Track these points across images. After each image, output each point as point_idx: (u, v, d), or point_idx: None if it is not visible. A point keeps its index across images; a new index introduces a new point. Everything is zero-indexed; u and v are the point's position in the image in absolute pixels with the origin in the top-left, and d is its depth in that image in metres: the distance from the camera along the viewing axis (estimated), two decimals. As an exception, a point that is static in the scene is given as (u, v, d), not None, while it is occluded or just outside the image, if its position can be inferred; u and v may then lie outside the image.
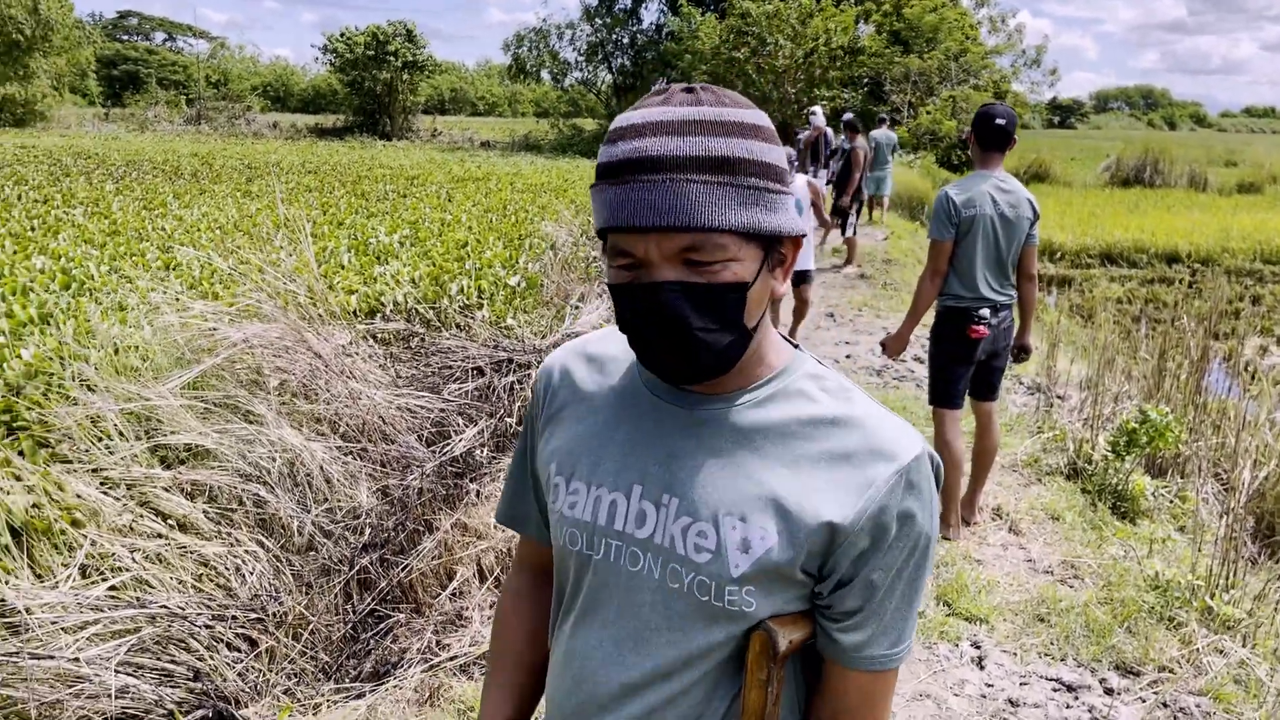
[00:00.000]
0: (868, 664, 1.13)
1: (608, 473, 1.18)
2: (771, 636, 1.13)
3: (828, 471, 1.09)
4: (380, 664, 3.50)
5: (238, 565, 3.80)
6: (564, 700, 1.23)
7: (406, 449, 5.00)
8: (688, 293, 1.04)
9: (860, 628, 1.12)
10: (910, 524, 1.08)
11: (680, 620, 1.13)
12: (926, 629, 3.67)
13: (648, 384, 1.21)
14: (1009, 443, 5.82)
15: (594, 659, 1.19)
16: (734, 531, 1.09)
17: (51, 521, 3.44)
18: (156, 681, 3.16)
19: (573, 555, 1.22)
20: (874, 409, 1.14)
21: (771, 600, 1.11)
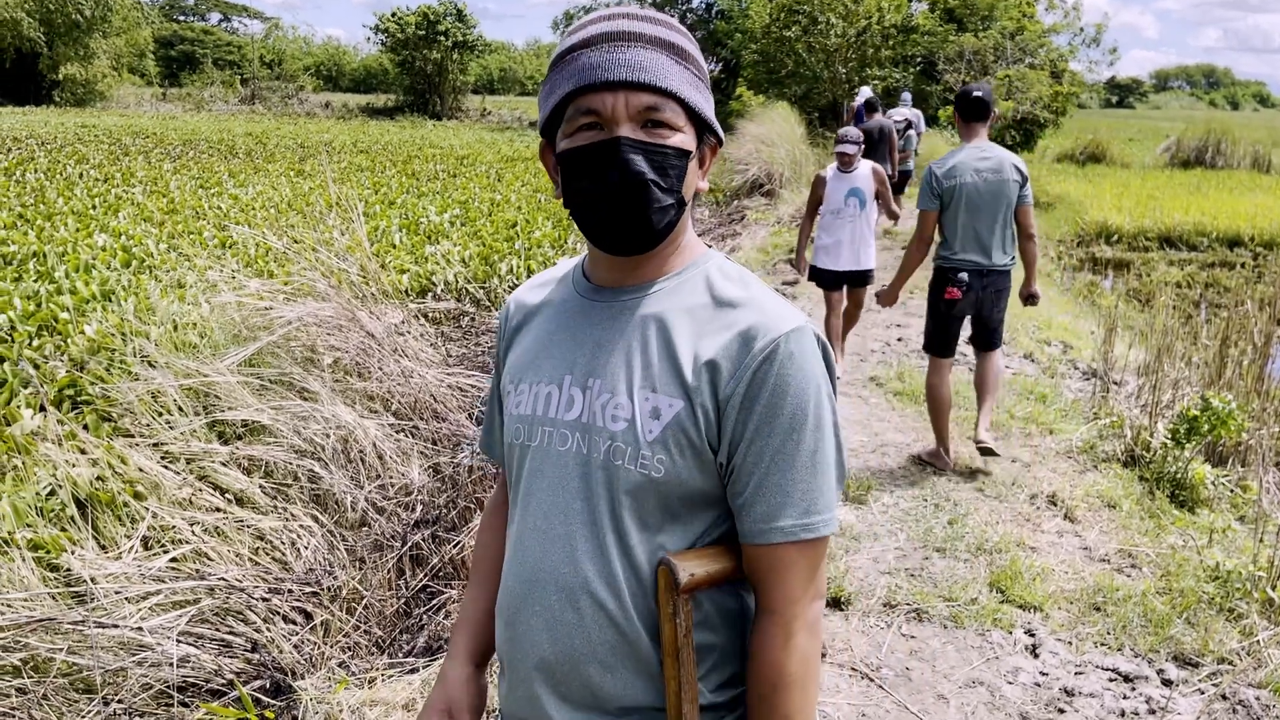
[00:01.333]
0: (776, 535, 1.19)
1: (544, 370, 1.31)
2: (672, 570, 1.19)
3: (720, 339, 1.21)
4: (433, 639, 3.54)
5: (293, 540, 3.86)
6: (513, 585, 1.30)
7: (457, 427, 5.05)
8: (644, 149, 1.19)
9: (760, 496, 1.20)
10: (788, 391, 1.19)
11: (600, 491, 1.23)
12: (980, 615, 3.63)
13: (578, 289, 1.35)
14: (1063, 428, 5.73)
15: (532, 540, 1.27)
16: (645, 402, 1.21)
17: (115, 494, 3.52)
18: (216, 652, 3.23)
19: (516, 449, 1.32)
20: (768, 295, 1.27)
21: (676, 468, 1.20)
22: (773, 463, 1.19)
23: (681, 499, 1.22)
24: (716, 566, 1.23)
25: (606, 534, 1.22)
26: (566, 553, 1.24)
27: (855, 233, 6.44)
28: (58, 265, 5.82)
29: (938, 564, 4.05)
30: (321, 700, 2.97)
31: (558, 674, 1.26)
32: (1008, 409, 6.07)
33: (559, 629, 1.25)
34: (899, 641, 3.51)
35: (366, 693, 2.97)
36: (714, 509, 1.25)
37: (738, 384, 1.19)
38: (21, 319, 4.72)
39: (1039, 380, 6.88)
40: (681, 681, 1.22)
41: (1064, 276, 14.03)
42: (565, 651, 1.25)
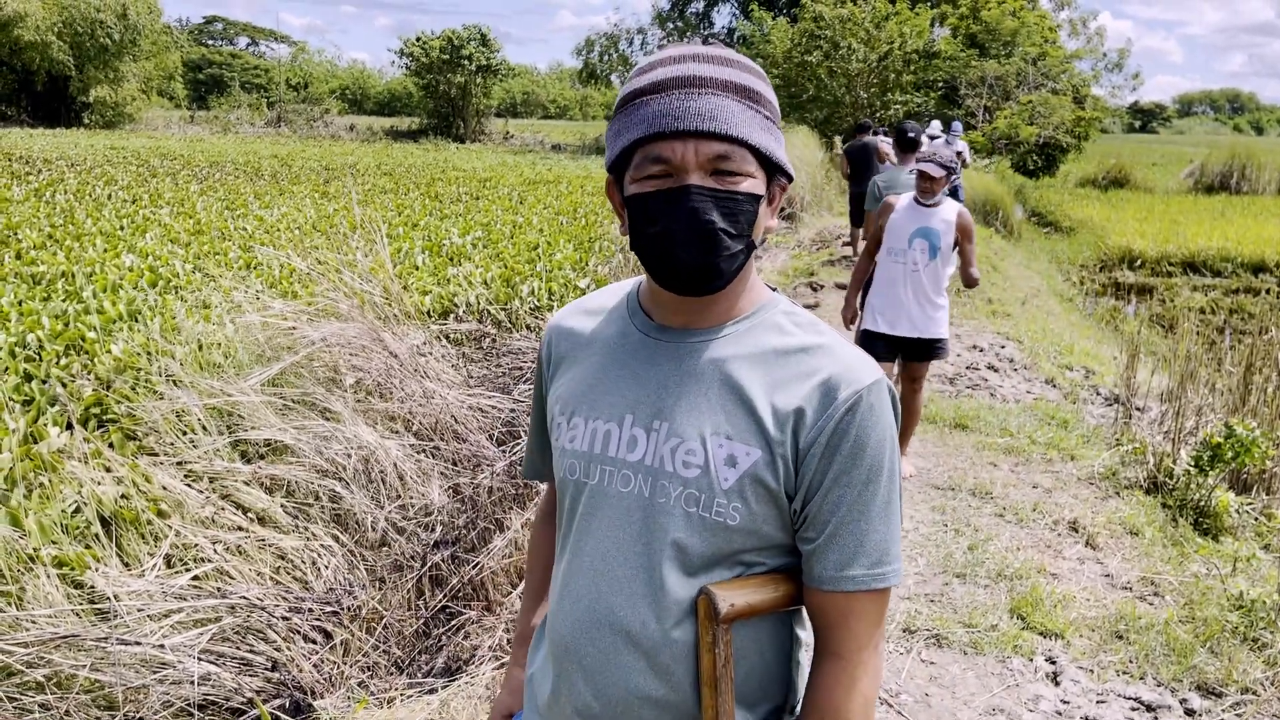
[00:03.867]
0: (848, 584, 1.20)
1: (602, 406, 1.30)
2: (712, 600, 1.20)
3: (798, 389, 1.21)
4: (452, 660, 3.55)
5: (314, 559, 3.89)
6: (563, 629, 1.30)
7: (478, 448, 5.06)
8: (714, 196, 1.18)
9: (834, 545, 1.20)
10: (868, 443, 1.19)
11: (670, 539, 1.22)
12: (1000, 642, 3.60)
13: (638, 325, 1.33)
14: (1085, 454, 5.69)
15: (586, 581, 1.28)
16: (720, 449, 1.21)
17: (139, 512, 3.56)
18: (236, 670, 3.25)
19: (570, 484, 1.32)
20: (840, 341, 1.27)
21: (752, 516, 1.20)
22: (849, 512, 1.20)
23: (749, 544, 1.23)
24: (758, 598, 1.23)
25: (665, 577, 1.22)
26: (624, 596, 1.24)
27: (919, 287, 5.00)
28: (86, 285, 5.91)
29: (958, 590, 4.03)
30: (342, 718, 2.98)
31: (604, 715, 1.27)
32: (1028, 434, 6.04)
33: (610, 672, 1.25)
34: (918, 667, 3.48)
35: (385, 712, 2.98)
36: (777, 553, 1.26)
37: (819, 434, 1.19)
38: (50, 338, 4.79)
39: (1060, 405, 6.84)
40: (719, 712, 1.22)
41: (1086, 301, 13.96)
42: (615, 695, 1.25)
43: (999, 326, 9.11)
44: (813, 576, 1.22)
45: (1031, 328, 9.53)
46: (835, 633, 1.23)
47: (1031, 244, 19.48)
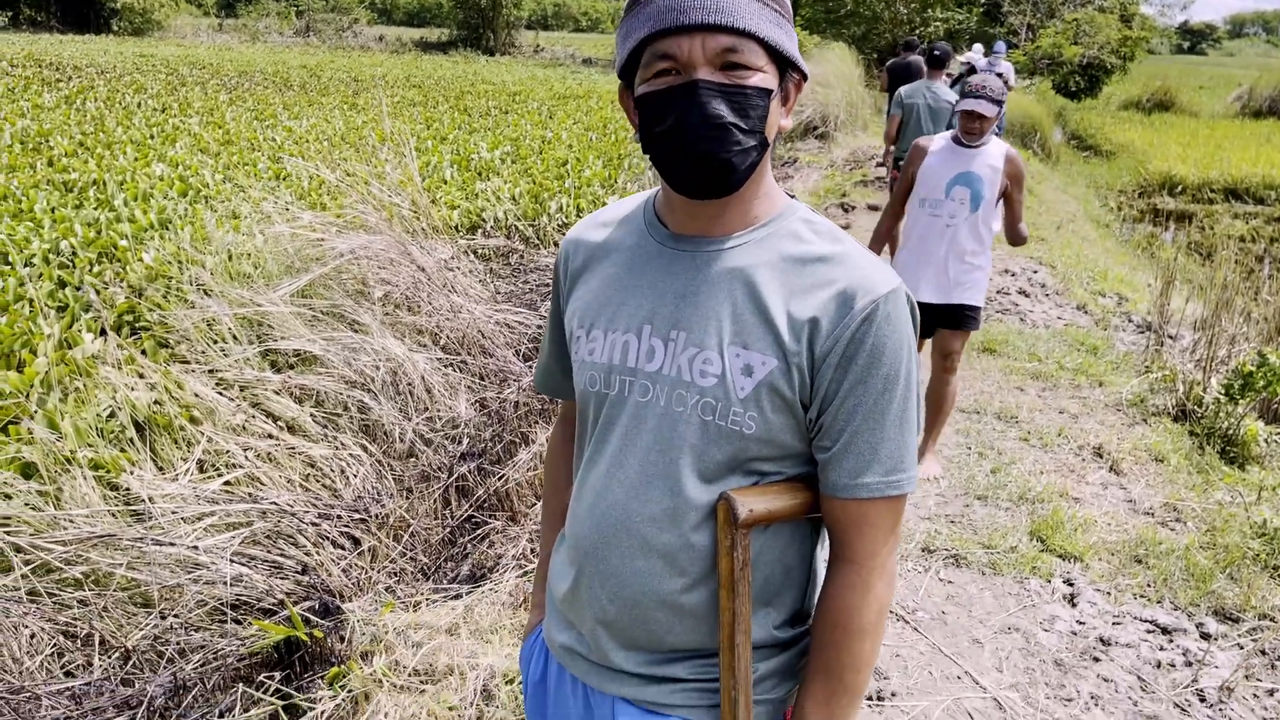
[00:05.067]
0: (863, 491, 1.21)
1: (621, 317, 1.30)
2: (731, 505, 1.21)
3: (815, 298, 1.20)
4: (477, 568, 3.62)
5: (342, 468, 3.95)
6: (581, 532, 1.32)
7: (504, 363, 5.10)
8: (723, 91, 1.16)
9: (849, 452, 1.21)
10: (884, 352, 1.19)
11: (685, 444, 1.23)
12: (1018, 563, 3.63)
13: (655, 235, 1.32)
14: (1113, 381, 5.64)
15: (606, 489, 1.29)
16: (737, 358, 1.21)
17: (172, 418, 3.62)
18: (267, 573, 3.33)
19: (591, 397, 1.33)
20: (859, 250, 1.25)
21: (768, 425, 1.21)
22: (864, 421, 1.20)
23: (766, 453, 1.24)
24: (777, 504, 1.25)
25: (684, 484, 1.24)
26: (642, 502, 1.26)
27: (956, 245, 4.19)
28: (117, 193, 5.93)
29: (978, 511, 4.05)
30: (369, 622, 3.06)
31: (622, 620, 1.30)
32: (1057, 359, 5.99)
33: (629, 577, 1.27)
34: (936, 586, 3.52)
35: (412, 616, 3.05)
36: (792, 460, 1.26)
37: (835, 343, 1.18)
38: (82, 245, 4.82)
39: (1091, 332, 6.77)
40: (736, 614, 1.24)
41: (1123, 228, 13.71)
42: (632, 599, 1.28)
43: (1032, 251, 8.97)
44: (828, 484, 1.23)
45: (1065, 253, 9.39)
46: (850, 539, 1.24)
47: (1070, 168, 19.06)
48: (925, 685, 3.00)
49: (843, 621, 1.24)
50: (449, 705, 2.56)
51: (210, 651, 3.03)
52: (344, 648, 3.07)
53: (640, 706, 1.32)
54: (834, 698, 1.26)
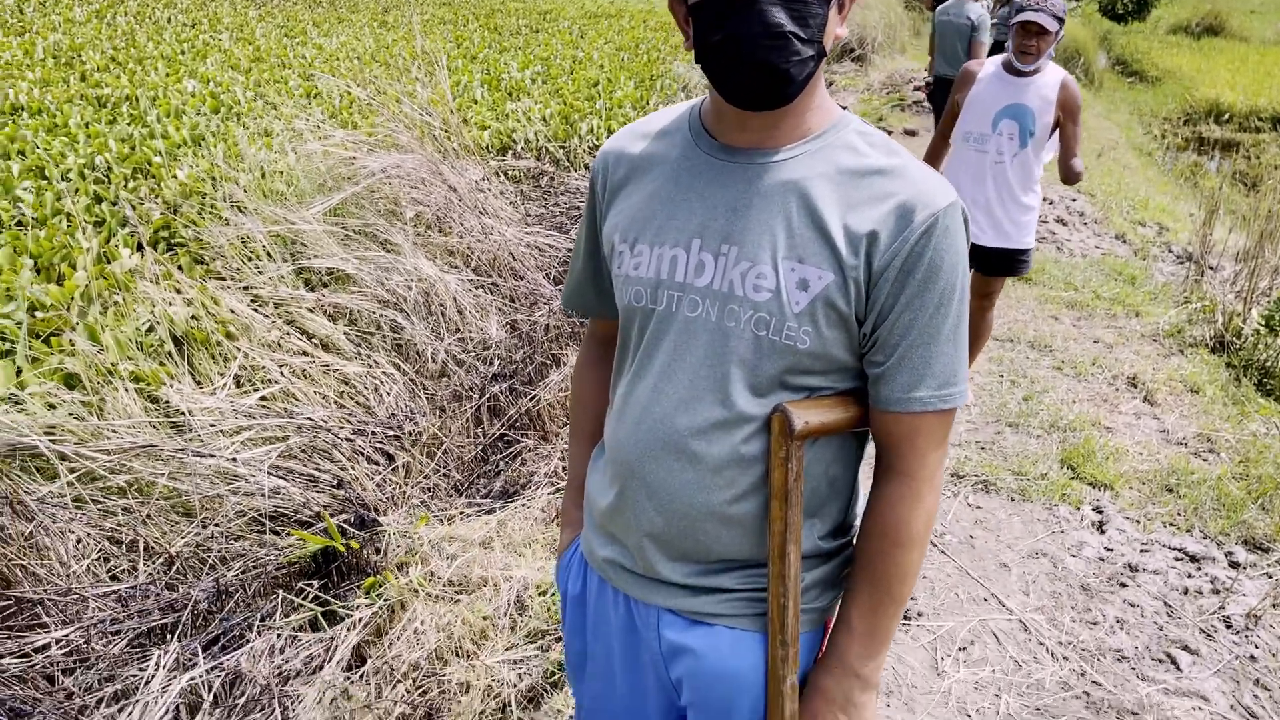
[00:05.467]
0: (915, 405, 1.21)
1: (668, 231, 1.27)
2: (787, 417, 1.22)
3: (873, 211, 1.18)
4: (509, 484, 3.67)
5: (376, 385, 3.99)
6: (625, 444, 1.33)
7: (535, 286, 5.09)
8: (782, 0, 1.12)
9: (903, 367, 1.20)
10: (941, 267, 1.17)
11: (736, 358, 1.22)
12: (1048, 490, 3.63)
13: (703, 146, 1.28)
14: (1151, 311, 5.57)
15: (652, 404, 1.29)
16: (792, 273, 1.19)
17: (209, 334, 3.66)
18: (304, 486, 3.39)
19: (636, 313, 1.31)
20: (915, 162, 1.23)
21: (822, 340, 1.20)
22: (919, 335, 1.19)
23: (818, 367, 1.23)
24: (830, 417, 1.25)
25: (735, 399, 1.23)
26: (691, 416, 1.25)
27: (1003, 184, 3.88)
28: (149, 109, 5.92)
29: (1009, 439, 4.04)
30: (404, 534, 3.12)
31: (670, 532, 1.30)
32: (1094, 288, 5.91)
33: (677, 490, 1.28)
34: (964, 511, 3.54)
35: (446, 529, 3.11)
36: (843, 375, 1.26)
37: (894, 257, 1.17)
38: (117, 160, 4.83)
39: (1129, 261, 6.66)
40: (787, 524, 1.26)
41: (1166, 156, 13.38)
42: (681, 511, 1.28)
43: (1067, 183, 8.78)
44: (880, 398, 1.23)
45: (1106, 181, 9.19)
46: (901, 452, 1.25)
47: (1113, 94, 18.56)
48: (952, 606, 3.03)
49: (891, 532, 1.25)
50: (483, 615, 2.62)
51: (250, 560, 3.10)
52: (379, 559, 3.14)
53: (686, 617, 1.34)
54: (879, 606, 1.28)
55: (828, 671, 1.32)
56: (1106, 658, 2.84)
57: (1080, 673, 2.78)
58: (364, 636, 2.63)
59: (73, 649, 2.56)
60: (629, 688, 1.44)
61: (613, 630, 1.43)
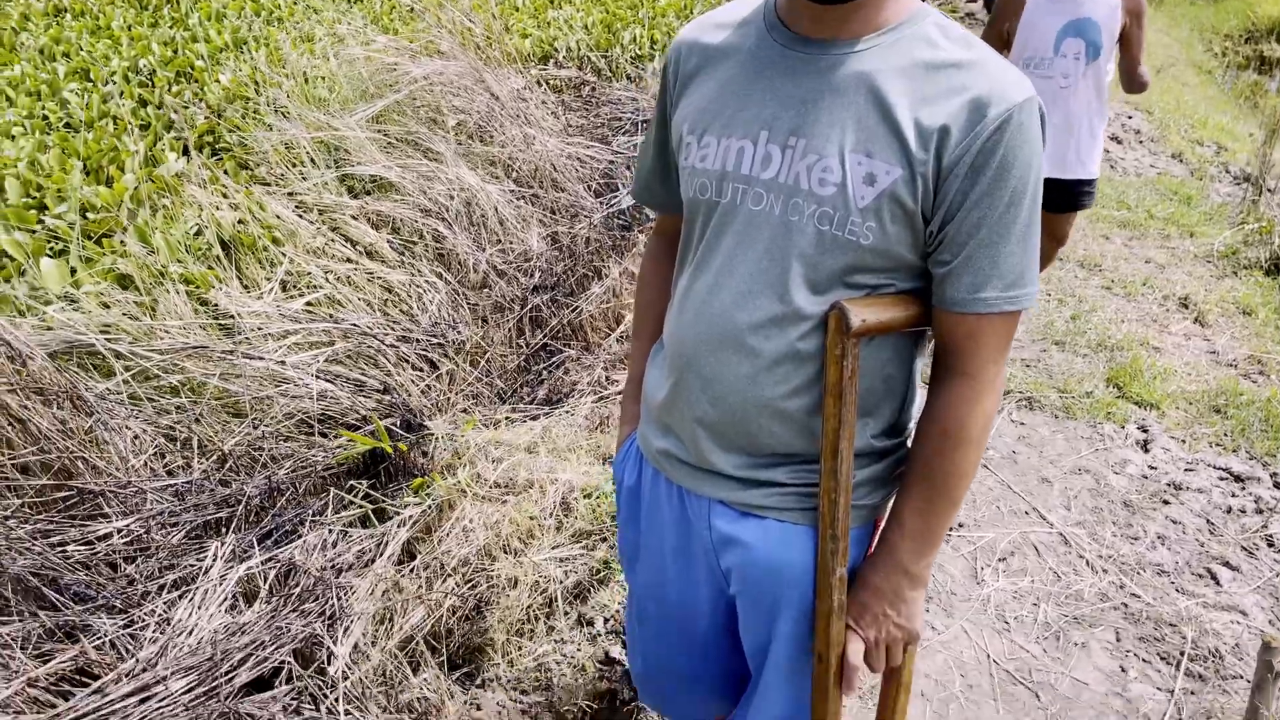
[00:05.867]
0: (980, 306, 1.19)
1: (737, 123, 1.25)
2: (844, 314, 1.21)
3: (946, 105, 1.15)
4: (553, 392, 3.70)
5: (419, 294, 4.01)
6: (683, 337, 1.32)
7: (576, 198, 5.06)
8: None
9: (969, 266, 1.18)
10: (1014, 164, 1.14)
11: (797, 253, 1.21)
12: (1093, 408, 3.61)
13: (777, 38, 1.26)
14: (1205, 232, 5.44)
15: (711, 296, 1.28)
16: (859, 166, 1.17)
17: (255, 238, 3.68)
18: (351, 390, 3.44)
19: (700, 205, 1.30)
20: (993, 56, 1.19)
21: (885, 237, 1.18)
22: (988, 234, 1.16)
23: (879, 265, 1.21)
24: (889, 315, 1.24)
25: (793, 293, 1.22)
26: (748, 310, 1.25)
27: (1071, 109, 3.50)
28: (191, 12, 5.88)
29: (1055, 357, 4.00)
30: (450, 437, 3.17)
31: (722, 423, 1.31)
32: (1147, 208, 5.78)
33: (731, 382, 1.28)
34: (1008, 426, 3.52)
35: (492, 433, 3.15)
36: (904, 273, 1.24)
37: (965, 152, 1.14)
38: (160, 64, 4.82)
39: (1185, 181, 6.49)
40: (841, 421, 1.26)
41: (1226, 75, 12.93)
42: (734, 404, 1.28)
43: (1127, 96, 8.53)
44: (944, 298, 1.21)
45: (1164, 99, 8.91)
46: (963, 353, 1.23)
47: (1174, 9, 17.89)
48: (993, 519, 3.04)
49: (951, 432, 1.25)
50: (530, 515, 2.67)
51: (299, 460, 3.17)
52: (426, 462, 3.19)
53: (737, 509, 1.36)
54: (932, 505, 1.28)
55: (878, 567, 1.33)
56: (1146, 571, 2.85)
57: (1119, 585, 2.79)
58: (413, 533, 2.69)
59: (133, 539, 2.64)
60: (680, 576, 1.47)
61: (666, 521, 1.45)
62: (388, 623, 2.37)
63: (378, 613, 2.40)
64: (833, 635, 1.35)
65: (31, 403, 2.65)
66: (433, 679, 2.21)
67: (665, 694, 1.63)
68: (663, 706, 1.71)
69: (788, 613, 1.37)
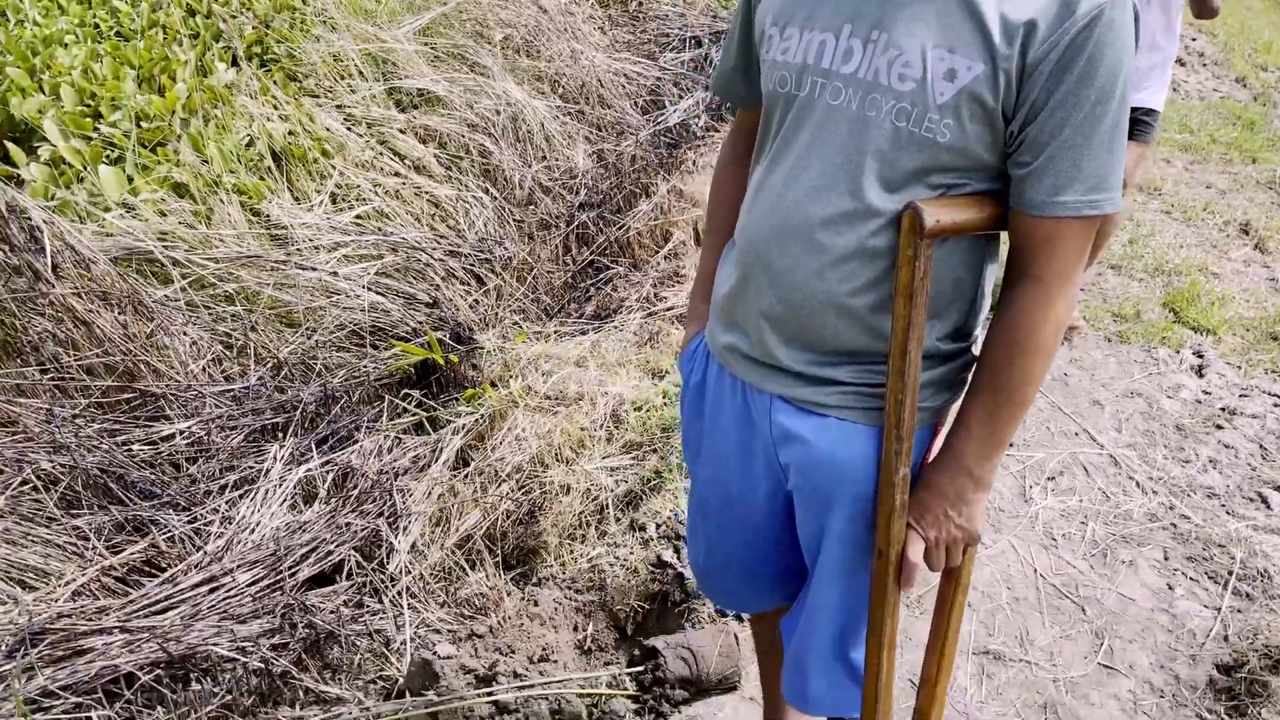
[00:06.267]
0: (1060, 209, 1.16)
1: (820, 16, 1.23)
2: (919, 214, 1.18)
3: (1033, 0, 1.11)
4: (601, 308, 3.71)
5: (466, 209, 4.01)
6: (754, 230, 1.32)
7: (622, 114, 5.01)
8: None
9: (1050, 168, 1.15)
10: (1103, 62, 1.10)
11: (873, 149, 1.19)
12: (1148, 333, 3.56)
13: None
14: (1269, 158, 5.29)
15: (784, 190, 1.27)
16: (940, 62, 1.14)
17: (306, 150, 3.69)
18: (400, 303, 3.47)
19: (779, 99, 1.28)
20: None
21: (964, 135, 1.15)
22: (1072, 135, 1.13)
23: (956, 164, 1.19)
24: (963, 216, 1.22)
25: (866, 190, 1.21)
26: (821, 205, 1.24)
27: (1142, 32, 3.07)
28: (234, -75, 5.81)
29: (1110, 280, 3.94)
30: (500, 350, 3.19)
31: (788, 318, 1.31)
32: (1210, 132, 5.62)
33: (799, 277, 1.27)
34: (1060, 349, 3.49)
35: (541, 346, 3.17)
36: (981, 174, 1.21)
37: (1052, 49, 1.10)
38: (206, -24, 4.79)
39: (1249, 106, 6.30)
40: (910, 322, 1.25)
41: (1294, -3, 12.41)
42: (801, 299, 1.28)
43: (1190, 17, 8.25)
44: (1023, 200, 1.18)
45: (1229, 22, 8.60)
46: (1039, 257, 1.21)
47: (1240, -71, 17.16)
48: (1042, 439, 3.03)
49: (1020, 337, 1.23)
50: (580, 426, 2.70)
51: (351, 370, 3.22)
52: (475, 374, 3.23)
53: (798, 405, 1.36)
54: (999, 409, 1.27)
55: (942, 469, 1.33)
56: (1197, 494, 2.83)
57: (1169, 506, 2.78)
58: (467, 441, 2.73)
59: (194, 440, 2.70)
60: (740, 470, 1.48)
61: (728, 416, 1.46)
62: (444, 524, 2.43)
63: (433, 515, 2.45)
64: (893, 533, 1.36)
65: (96, 306, 2.70)
66: (490, 576, 2.27)
67: (725, 586, 1.67)
68: (722, 598, 1.75)
69: (841, 509, 1.38)
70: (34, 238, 2.57)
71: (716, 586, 1.69)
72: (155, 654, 1.85)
